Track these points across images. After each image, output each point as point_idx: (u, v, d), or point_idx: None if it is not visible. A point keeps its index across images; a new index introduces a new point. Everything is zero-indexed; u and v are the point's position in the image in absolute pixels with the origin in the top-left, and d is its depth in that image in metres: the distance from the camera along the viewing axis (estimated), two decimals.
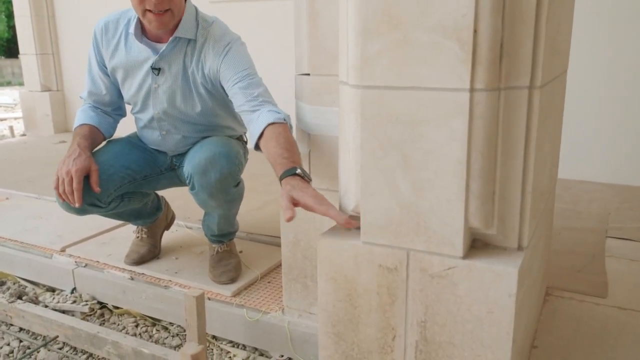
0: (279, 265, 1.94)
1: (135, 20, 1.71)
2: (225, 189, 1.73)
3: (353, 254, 1.11)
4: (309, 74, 1.49)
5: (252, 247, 2.18)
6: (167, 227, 2.23)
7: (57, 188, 1.64)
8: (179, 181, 1.99)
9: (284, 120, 1.55)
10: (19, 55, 5.09)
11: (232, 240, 1.99)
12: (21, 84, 14.29)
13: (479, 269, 0.99)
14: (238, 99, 1.63)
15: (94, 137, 1.78)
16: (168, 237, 2.26)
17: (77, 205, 1.61)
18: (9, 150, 4.47)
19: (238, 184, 1.79)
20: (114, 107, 1.90)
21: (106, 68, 1.82)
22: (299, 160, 1.42)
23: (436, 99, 0.97)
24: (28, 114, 5.26)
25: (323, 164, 1.51)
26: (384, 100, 1.01)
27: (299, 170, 1.32)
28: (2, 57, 16.74)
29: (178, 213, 2.46)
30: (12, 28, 15.26)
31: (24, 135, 5.44)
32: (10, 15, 15.01)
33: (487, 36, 0.92)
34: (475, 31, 0.92)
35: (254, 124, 1.55)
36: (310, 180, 1.37)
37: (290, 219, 1.17)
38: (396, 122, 1.01)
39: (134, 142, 1.93)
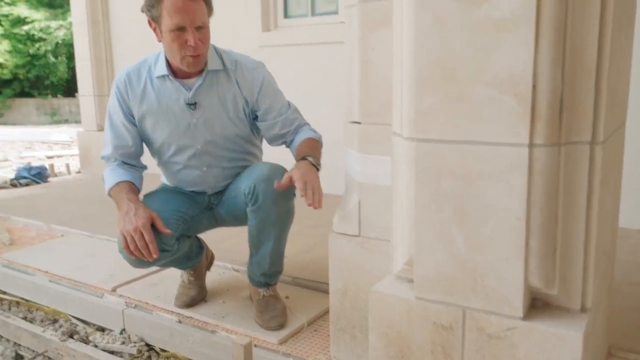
0: (325, 313, 1.91)
1: (160, 64, 1.80)
2: (288, 197, 1.78)
3: (406, 309, 1.08)
4: (359, 122, 1.49)
5: (297, 292, 2.16)
6: (208, 267, 2.25)
7: (127, 248, 1.65)
8: (215, 222, 2.03)
9: (319, 138, 1.87)
10: (77, 95, 5.34)
11: (276, 283, 1.99)
12: (77, 122, 14.97)
13: (541, 332, 0.94)
14: (278, 127, 1.88)
15: (135, 192, 1.83)
16: (214, 279, 2.28)
17: (154, 256, 1.63)
18: (65, 187, 4.65)
19: (294, 196, 1.83)
20: (138, 160, 1.95)
21: (133, 118, 1.87)
22: (318, 156, 1.76)
23: (493, 154, 0.95)
24: (84, 152, 5.48)
25: (373, 213, 1.49)
26: (439, 153, 1.00)
27: (310, 158, 1.67)
28: (61, 97, 17.63)
29: (224, 255, 2.48)
30: (71, 69, 16.11)
31: (79, 172, 5.65)
32: (70, 58, 15.86)
33: (546, 91, 0.91)
34: (534, 86, 0.91)
35: (295, 141, 1.86)
36: (319, 168, 1.69)
37: (276, 186, 1.60)
38: (452, 176, 0.99)
39: (170, 189, 1.99)
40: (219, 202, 1.98)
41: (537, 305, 1.01)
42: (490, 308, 0.99)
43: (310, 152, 1.74)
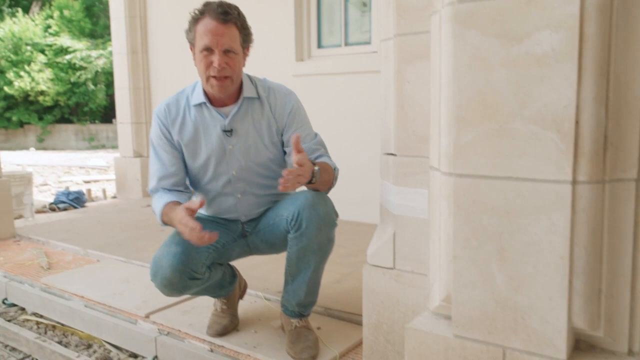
0: (358, 345, 1.88)
1: (197, 92, 1.86)
2: (331, 223, 1.77)
3: (444, 347, 1.06)
4: (395, 154, 1.49)
5: (329, 323, 2.14)
6: (241, 296, 2.25)
7: (194, 237, 1.64)
8: (249, 249, 2.04)
9: (335, 169, 1.83)
10: (114, 121, 5.50)
11: (310, 315, 1.97)
12: (114, 147, 15.40)
13: None
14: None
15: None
16: (246, 308, 2.27)
17: (214, 237, 1.62)
18: (102, 212, 4.75)
19: (336, 225, 1.83)
20: (185, 186, 1.97)
21: (175, 144, 1.91)
22: (325, 179, 1.73)
23: (535, 191, 0.93)
24: (120, 178, 5.61)
25: (408, 246, 1.48)
26: (479, 189, 0.99)
27: (315, 167, 1.64)
28: (99, 123, 18.17)
29: (256, 284, 2.48)
30: (109, 96, 16.64)
31: (114, 197, 5.78)
32: (108, 85, 16.42)
33: (590, 127, 0.89)
34: (577, 122, 0.89)
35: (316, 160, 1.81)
36: (314, 181, 1.64)
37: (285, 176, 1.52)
38: (492, 213, 0.98)
39: (202, 217, 2.00)
40: (253, 230, 1.99)
41: (581, 347, 0.98)
42: (531, 349, 0.96)
43: (319, 166, 1.69)
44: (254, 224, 1.99)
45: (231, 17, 1.72)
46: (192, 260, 1.74)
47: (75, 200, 5.00)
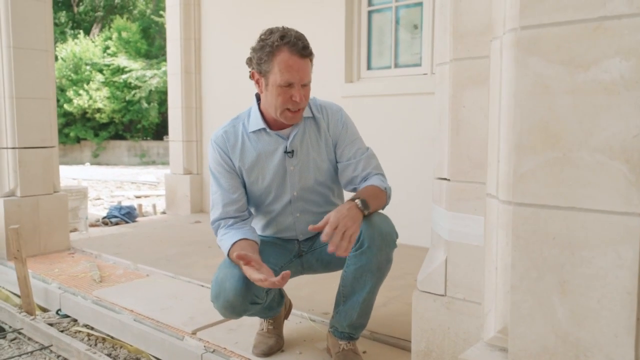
0: None
1: (254, 119, 1.87)
2: (391, 243, 1.76)
3: None
4: (448, 179, 1.47)
5: (376, 347, 2.11)
6: (286, 316, 2.24)
7: (272, 285, 1.63)
8: (302, 269, 2.03)
9: (385, 189, 1.83)
10: (165, 138, 5.65)
11: (358, 338, 1.94)
12: (164, 163, 15.84)
13: None
14: (350, 170, 1.89)
15: (251, 247, 1.80)
16: (292, 328, 2.27)
17: (282, 280, 1.61)
18: (152, 227, 4.87)
19: (396, 246, 1.81)
20: (248, 210, 1.97)
21: (236, 169, 1.91)
22: (375, 204, 1.74)
23: (601, 222, 0.90)
24: (170, 194, 5.75)
25: (460, 273, 1.45)
26: (540, 219, 0.96)
27: (358, 200, 1.67)
28: (150, 139, 18.76)
29: (302, 304, 2.47)
30: (161, 114, 17.18)
31: (164, 213, 5.92)
32: (161, 104, 16.97)
33: None
34: None
35: (359, 187, 1.85)
36: (365, 210, 1.67)
37: (310, 228, 1.62)
38: (553, 243, 0.95)
39: (261, 238, 1.99)
40: (309, 249, 2.00)
41: None
42: None
43: (364, 196, 1.71)
44: (310, 242, 2.00)
45: (309, 52, 1.75)
46: (254, 284, 1.70)
47: (127, 215, 5.15)
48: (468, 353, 1.10)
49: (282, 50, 1.70)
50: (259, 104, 1.87)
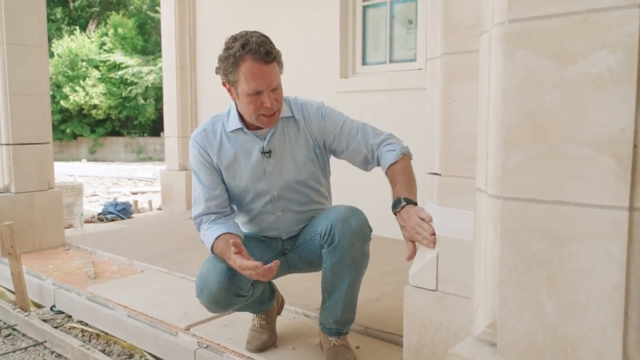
0: None
1: (232, 119, 1.87)
2: (364, 238, 1.76)
3: None
4: (439, 174, 1.47)
5: (368, 343, 2.11)
6: (279, 311, 2.25)
7: (260, 276, 1.65)
8: (288, 267, 2.04)
9: (403, 155, 1.80)
10: (162, 135, 5.64)
11: (348, 333, 1.95)
12: (161, 159, 15.81)
13: None
14: (357, 156, 1.89)
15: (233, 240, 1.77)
16: (285, 323, 2.27)
17: (273, 268, 1.62)
18: (147, 223, 4.86)
19: (370, 240, 1.81)
20: (231, 206, 1.96)
21: (215, 165, 1.91)
22: (411, 191, 1.71)
23: (589, 216, 0.89)
24: (165, 190, 5.74)
25: (452, 268, 1.44)
26: (528, 213, 0.95)
27: (404, 200, 1.63)
28: (147, 136, 18.71)
29: (295, 300, 2.47)
30: (157, 111, 17.14)
31: (159, 209, 5.91)
32: (157, 100, 16.92)
33: None
34: (635, 146, 0.85)
35: (383, 165, 1.83)
36: (415, 203, 1.64)
37: (408, 259, 1.59)
38: (541, 238, 0.94)
39: (245, 235, 1.98)
40: (292, 247, 1.99)
41: None
42: None
43: (404, 193, 1.67)
44: (293, 241, 1.99)
45: (273, 57, 1.71)
46: (238, 277, 1.74)
47: (122, 212, 5.14)
48: (457, 348, 1.10)
49: (245, 59, 1.68)
50: (237, 104, 1.87)
